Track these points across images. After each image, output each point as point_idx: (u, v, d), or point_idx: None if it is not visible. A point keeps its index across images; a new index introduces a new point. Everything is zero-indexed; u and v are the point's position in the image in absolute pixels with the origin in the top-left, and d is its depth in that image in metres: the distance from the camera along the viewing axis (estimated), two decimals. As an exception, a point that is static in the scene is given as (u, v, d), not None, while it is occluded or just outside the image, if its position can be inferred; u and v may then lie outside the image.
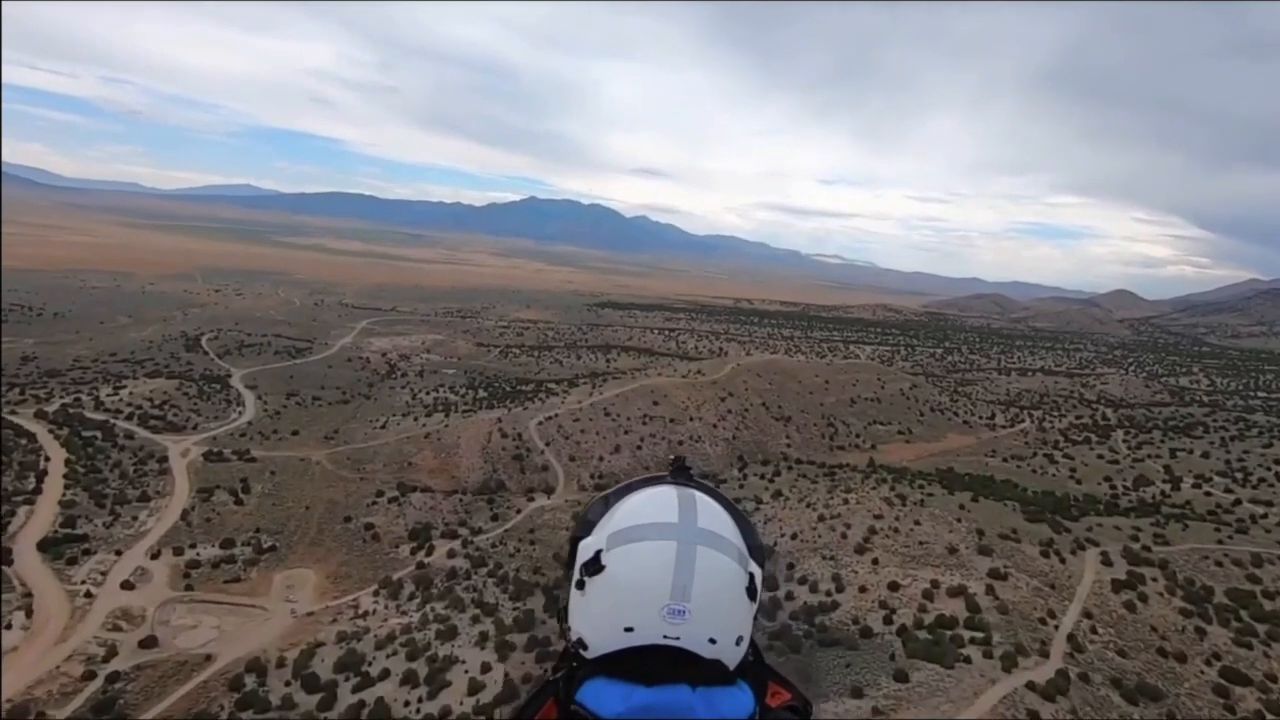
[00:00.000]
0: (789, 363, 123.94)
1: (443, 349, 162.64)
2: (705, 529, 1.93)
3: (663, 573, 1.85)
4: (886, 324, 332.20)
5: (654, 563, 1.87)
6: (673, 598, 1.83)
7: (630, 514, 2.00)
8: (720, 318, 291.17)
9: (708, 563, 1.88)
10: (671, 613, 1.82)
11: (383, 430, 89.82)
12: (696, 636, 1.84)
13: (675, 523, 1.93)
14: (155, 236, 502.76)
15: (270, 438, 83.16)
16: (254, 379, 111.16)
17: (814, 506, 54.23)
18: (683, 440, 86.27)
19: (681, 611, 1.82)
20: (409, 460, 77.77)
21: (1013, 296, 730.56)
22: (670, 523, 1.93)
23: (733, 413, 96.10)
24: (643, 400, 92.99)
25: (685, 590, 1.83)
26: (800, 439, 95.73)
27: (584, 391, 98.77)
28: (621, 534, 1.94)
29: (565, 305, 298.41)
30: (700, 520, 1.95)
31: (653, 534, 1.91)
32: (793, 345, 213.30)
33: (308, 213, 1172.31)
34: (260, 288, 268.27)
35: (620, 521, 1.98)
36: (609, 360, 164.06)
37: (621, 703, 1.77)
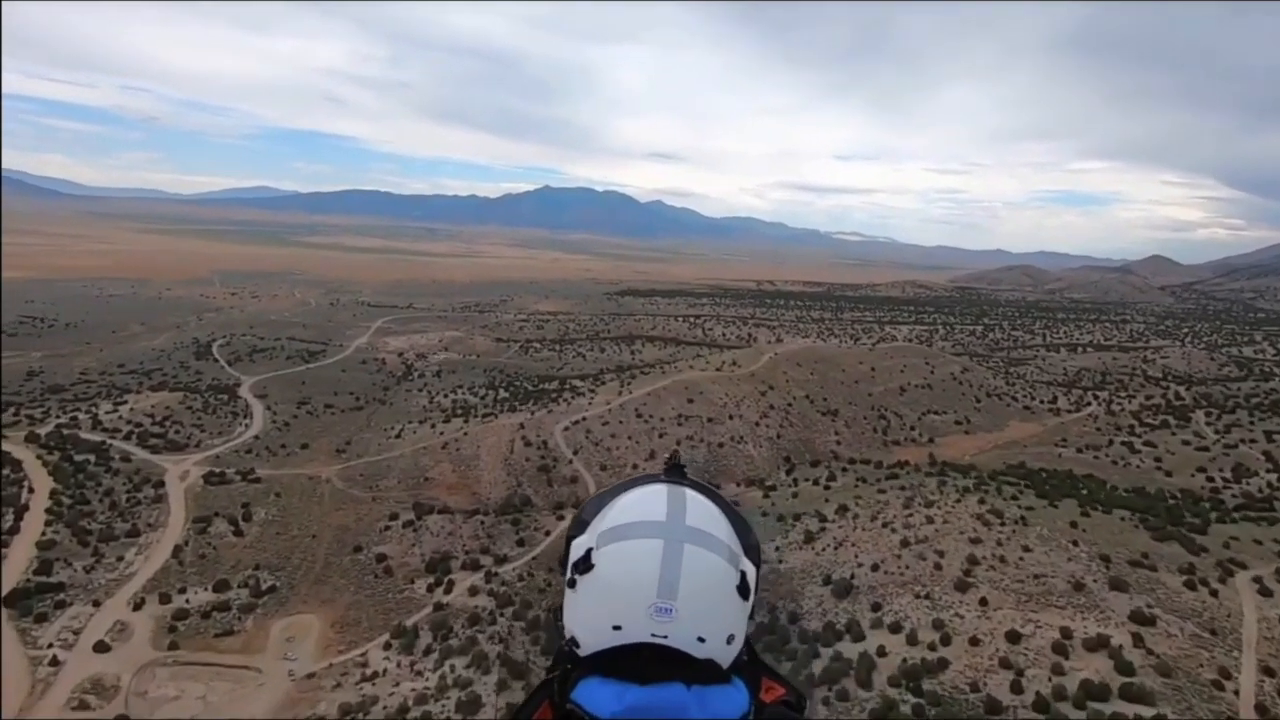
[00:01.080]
0: (830, 349, 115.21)
1: (460, 346, 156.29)
2: (693, 527, 1.94)
3: (649, 571, 1.85)
4: (918, 302, 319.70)
5: (641, 560, 1.88)
6: (659, 596, 1.83)
7: (621, 512, 2.01)
8: (745, 302, 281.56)
9: (695, 561, 1.88)
10: (658, 611, 1.83)
11: (398, 440, 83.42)
12: (685, 635, 1.85)
13: (663, 521, 1.94)
14: (174, 242, 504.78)
15: (278, 453, 77.15)
16: (264, 387, 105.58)
17: (892, 526, 46.28)
18: (723, 442, 78.55)
19: (668, 610, 1.83)
20: (425, 475, 71.16)
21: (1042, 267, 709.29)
22: (658, 521, 1.94)
23: (775, 408, 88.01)
24: (676, 398, 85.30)
25: (672, 588, 1.84)
26: (850, 434, 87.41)
27: (612, 390, 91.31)
28: (611, 532, 1.96)
29: (585, 295, 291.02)
30: (689, 518, 1.96)
31: (640, 532, 1.93)
32: (825, 328, 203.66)
33: (325, 212, 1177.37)
34: (276, 289, 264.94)
35: (611, 520, 2.00)
36: (634, 352, 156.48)
37: (616, 702, 1.78)
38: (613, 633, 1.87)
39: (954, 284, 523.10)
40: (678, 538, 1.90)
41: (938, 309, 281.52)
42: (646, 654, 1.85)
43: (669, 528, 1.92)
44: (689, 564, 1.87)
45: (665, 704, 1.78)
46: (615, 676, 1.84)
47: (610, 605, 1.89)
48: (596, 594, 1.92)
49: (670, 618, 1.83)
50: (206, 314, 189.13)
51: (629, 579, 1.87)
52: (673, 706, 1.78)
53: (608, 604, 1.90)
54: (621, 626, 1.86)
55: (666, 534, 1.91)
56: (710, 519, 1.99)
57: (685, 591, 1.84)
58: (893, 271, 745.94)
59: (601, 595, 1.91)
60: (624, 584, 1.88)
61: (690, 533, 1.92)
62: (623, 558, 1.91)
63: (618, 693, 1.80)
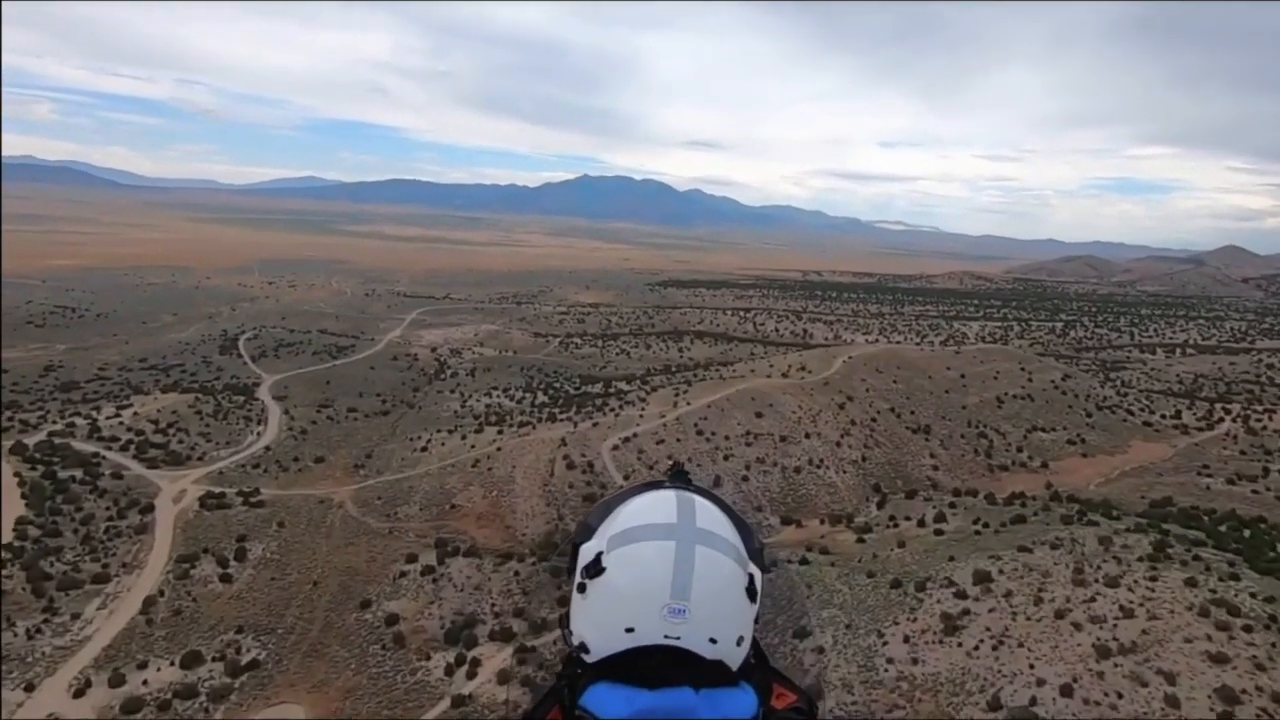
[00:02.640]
0: (912, 353, 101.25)
1: (497, 341, 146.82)
2: (704, 529, 1.97)
3: (662, 572, 1.87)
4: (980, 295, 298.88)
5: (653, 563, 1.89)
6: (673, 597, 1.84)
7: (630, 517, 2.03)
8: (795, 294, 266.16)
9: (707, 562, 1.90)
10: (671, 612, 1.84)
11: (423, 453, 73.59)
12: (697, 636, 1.86)
13: (674, 523, 1.97)
14: (221, 231, 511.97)
15: (289, 468, 68.05)
16: (285, 387, 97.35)
17: (1072, 617, 33.67)
18: (799, 466, 66.24)
19: (681, 611, 1.84)
20: (451, 500, 60.89)
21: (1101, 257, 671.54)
22: (669, 523, 1.97)
23: (857, 424, 75.18)
24: (742, 412, 73.23)
25: (685, 589, 1.85)
26: (947, 457, 74.05)
27: (666, 399, 79.68)
28: (621, 536, 1.97)
29: (625, 285, 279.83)
30: (699, 521, 1.99)
31: (652, 534, 1.95)
32: (886, 324, 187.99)
33: (368, 201, 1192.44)
34: (314, 278, 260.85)
35: (620, 524, 2.02)
36: (682, 350, 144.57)
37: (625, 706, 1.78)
38: (625, 635, 1.87)
39: (1010, 275, 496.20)
40: (689, 540, 1.92)
41: (1004, 302, 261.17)
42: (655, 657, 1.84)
43: (680, 530, 1.94)
44: (701, 566, 1.88)
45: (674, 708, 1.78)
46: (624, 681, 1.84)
47: (623, 608, 1.89)
48: (608, 597, 1.92)
49: (683, 619, 1.83)
50: (241, 304, 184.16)
51: (642, 581, 1.87)
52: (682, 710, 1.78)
53: (620, 606, 1.89)
54: (635, 629, 1.86)
55: (678, 536, 1.93)
56: (718, 523, 2.03)
57: (698, 593, 1.85)
58: (940, 262, 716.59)
59: (614, 598, 1.91)
60: (637, 586, 1.88)
61: (701, 535, 1.95)
62: (635, 560, 1.91)
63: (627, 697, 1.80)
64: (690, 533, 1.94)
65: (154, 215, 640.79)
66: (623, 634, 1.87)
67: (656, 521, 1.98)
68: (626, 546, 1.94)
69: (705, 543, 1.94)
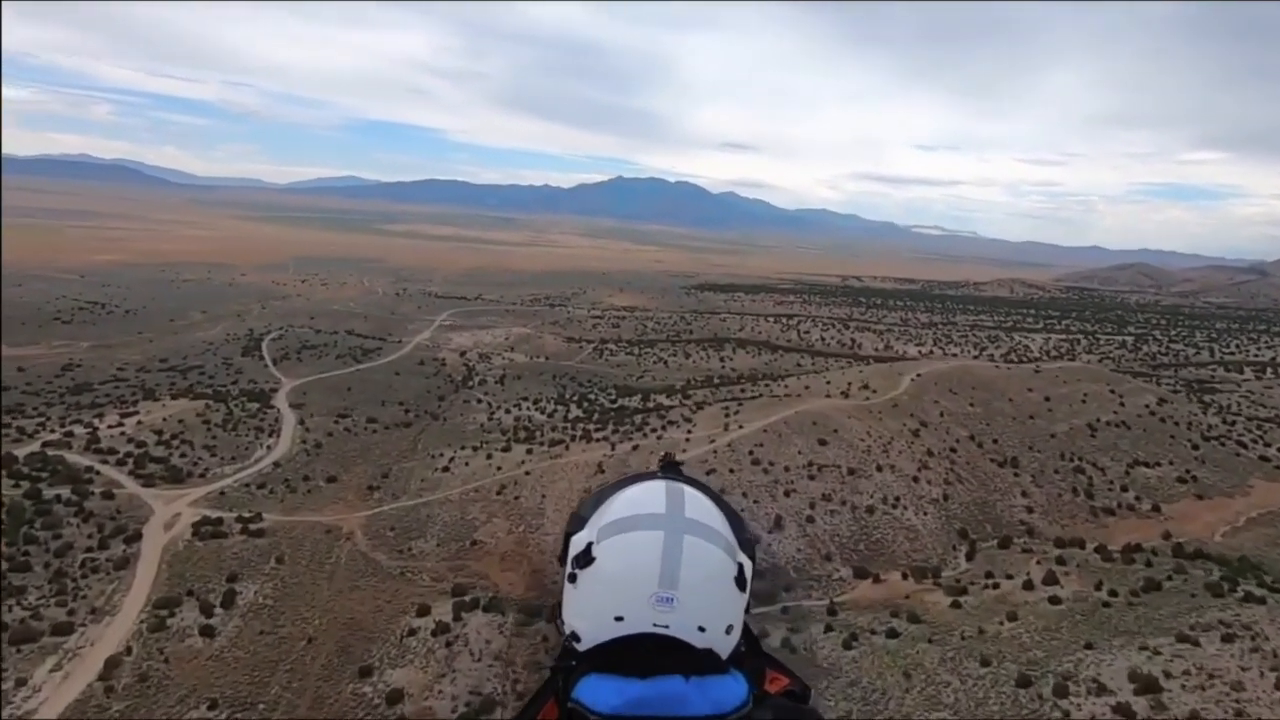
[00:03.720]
0: (986, 371, 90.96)
1: (528, 346, 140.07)
2: (692, 519, 1.98)
3: (650, 561, 1.89)
4: (1035, 304, 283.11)
5: (642, 551, 1.91)
6: (661, 585, 1.86)
7: (620, 507, 2.05)
8: (837, 299, 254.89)
9: (695, 551, 1.92)
10: (660, 600, 1.86)
11: (445, 474, 66.55)
12: (686, 624, 1.88)
13: (663, 513, 1.98)
14: (261, 228, 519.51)
15: (297, 489, 61.57)
16: (303, 393, 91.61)
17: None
18: (873, 505, 57.19)
19: (669, 599, 1.86)
20: (473, 535, 53.48)
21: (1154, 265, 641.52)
22: (658, 513, 1.98)
23: (935, 455, 65.76)
24: (803, 437, 64.41)
25: (673, 578, 1.87)
26: (1042, 496, 64.11)
27: (715, 419, 71.30)
28: (611, 526, 1.99)
29: (660, 288, 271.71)
30: (688, 511, 2.00)
31: (640, 524, 1.96)
32: (941, 335, 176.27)
33: (405, 201, 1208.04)
34: (347, 276, 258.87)
35: (610, 515, 2.03)
36: (723, 359, 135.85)
37: (616, 697, 1.81)
38: (614, 624, 1.89)
39: (1059, 283, 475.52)
40: (678, 529, 1.94)
41: (1062, 313, 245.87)
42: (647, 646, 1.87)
43: (669, 520, 1.96)
44: (689, 554, 1.90)
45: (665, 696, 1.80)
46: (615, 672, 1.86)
47: (612, 596, 1.91)
48: (598, 586, 1.94)
49: (671, 607, 1.85)
50: (271, 302, 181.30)
51: (630, 570, 1.90)
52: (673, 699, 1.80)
53: (609, 595, 1.92)
54: (624, 617, 1.88)
55: (666, 526, 1.94)
56: (707, 513, 2.03)
57: (686, 581, 1.87)
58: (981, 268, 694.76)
59: (603, 587, 1.93)
60: (625, 575, 1.90)
61: (690, 524, 1.96)
62: (624, 549, 1.93)
63: (618, 688, 1.82)
64: (679, 522, 1.95)
65: (199, 213, 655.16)
66: (612, 622, 1.89)
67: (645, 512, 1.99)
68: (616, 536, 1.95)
69: (694, 532, 1.94)
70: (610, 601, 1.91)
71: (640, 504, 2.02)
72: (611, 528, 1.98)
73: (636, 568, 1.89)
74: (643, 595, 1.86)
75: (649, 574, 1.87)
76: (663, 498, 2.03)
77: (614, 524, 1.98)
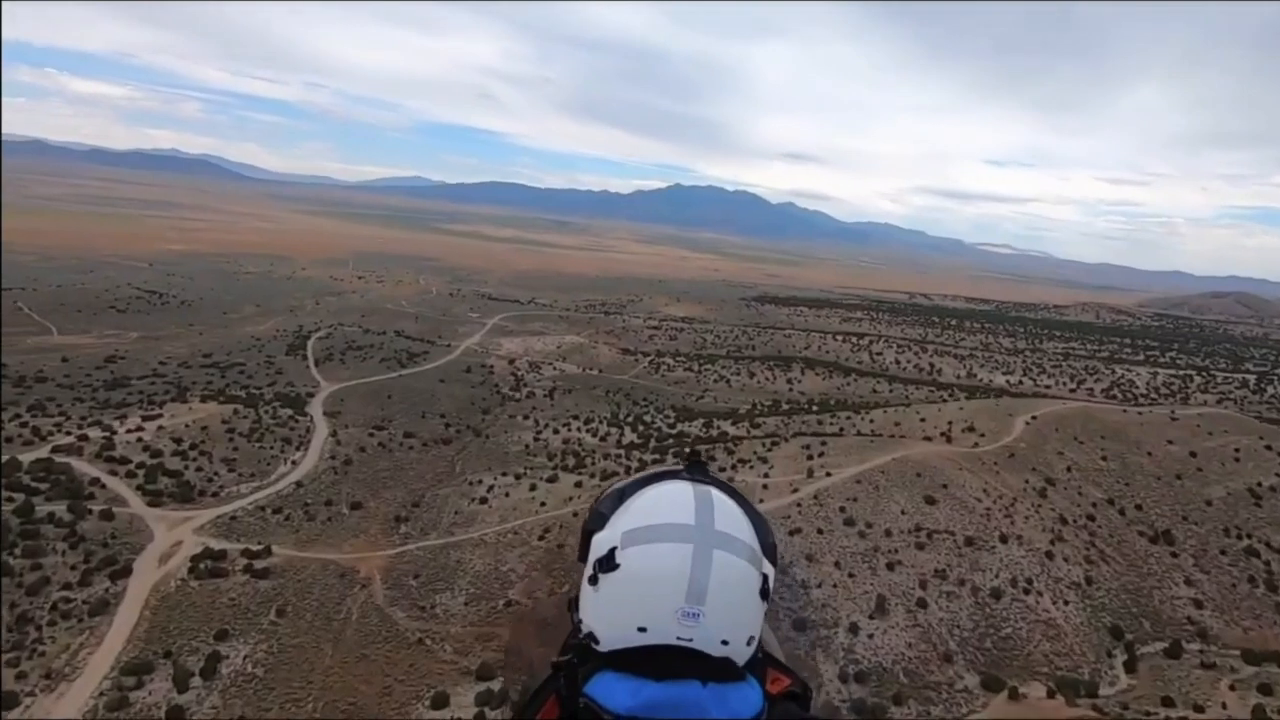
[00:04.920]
0: (1110, 415, 77.28)
1: (580, 357, 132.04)
2: (722, 531, 1.93)
3: (679, 575, 1.84)
4: (1128, 332, 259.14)
5: (670, 565, 1.86)
6: (688, 601, 1.82)
7: (646, 512, 1.98)
8: (909, 318, 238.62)
9: (724, 566, 1.87)
10: (686, 615, 1.82)
11: (482, 506, 58.43)
12: (709, 638, 1.85)
13: (692, 525, 1.92)
14: (327, 223, 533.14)
15: (316, 516, 54.33)
16: (341, 400, 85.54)
17: None
18: (999, 588, 45.76)
19: (696, 615, 1.82)
20: (507, 594, 44.75)
21: (1251, 294, 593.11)
22: (687, 524, 1.92)
23: (1069, 523, 53.58)
24: (905, 491, 53.36)
25: (701, 594, 1.83)
26: (1211, 586, 51.07)
27: (795, 460, 60.85)
28: (637, 533, 1.93)
29: (719, 299, 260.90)
30: (717, 522, 1.95)
31: (669, 535, 1.90)
32: (1031, 364, 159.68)
33: (468, 201, 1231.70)
34: (404, 274, 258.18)
35: (636, 519, 1.97)
36: (790, 381, 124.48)
37: (631, 697, 1.77)
38: (637, 634, 1.85)
39: (1143, 308, 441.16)
40: (707, 543, 1.88)
41: (1162, 343, 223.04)
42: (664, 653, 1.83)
43: (698, 532, 1.90)
44: (718, 570, 1.86)
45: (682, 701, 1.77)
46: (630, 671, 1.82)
47: (636, 607, 1.86)
48: (621, 594, 1.89)
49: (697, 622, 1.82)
50: (326, 298, 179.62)
51: (657, 583, 1.85)
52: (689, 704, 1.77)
53: (633, 605, 1.87)
54: (647, 629, 1.84)
55: (696, 539, 1.89)
56: (736, 522, 1.98)
57: (713, 597, 1.83)
58: (1056, 290, 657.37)
59: (627, 596, 1.88)
60: (652, 587, 1.85)
61: (719, 538, 1.90)
62: (651, 560, 1.88)
63: (634, 688, 1.78)
64: (709, 536, 1.90)
65: (271, 207, 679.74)
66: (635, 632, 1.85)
67: (674, 521, 1.92)
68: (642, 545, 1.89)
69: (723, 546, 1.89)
70: (634, 611, 1.86)
71: (667, 511, 1.95)
72: (637, 535, 1.92)
73: (664, 582, 1.84)
74: (668, 609, 1.82)
75: (677, 589, 1.82)
76: (691, 505, 1.96)
77: (640, 531, 1.92)
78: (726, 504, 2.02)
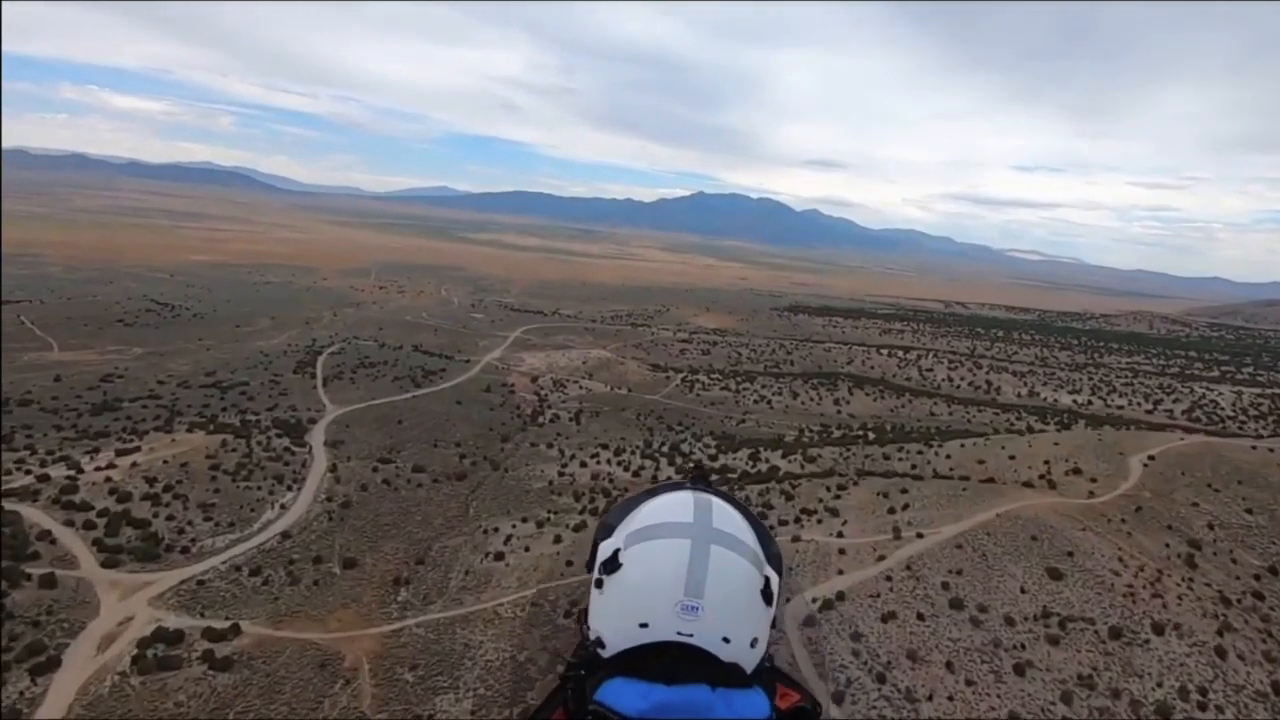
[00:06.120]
0: (1241, 454, 65.28)
1: (607, 374, 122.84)
2: (719, 529, 2.01)
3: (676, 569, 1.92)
4: (1191, 344, 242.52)
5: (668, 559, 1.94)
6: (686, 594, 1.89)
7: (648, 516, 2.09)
8: (954, 329, 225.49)
9: (721, 561, 1.94)
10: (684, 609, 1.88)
11: (497, 564, 49.23)
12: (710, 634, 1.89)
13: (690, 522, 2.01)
14: (352, 233, 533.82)
15: (302, 578, 45.56)
16: (346, 426, 77.32)
17: None
18: (1168, 702, 34.97)
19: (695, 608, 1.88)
20: (526, 698, 34.86)
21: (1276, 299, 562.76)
22: (685, 522, 2.02)
23: (1235, 604, 42.50)
24: (1021, 561, 42.81)
25: (699, 587, 1.89)
26: None
27: (873, 514, 50.54)
28: (638, 533, 2.03)
29: (750, 309, 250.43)
30: (715, 522, 2.03)
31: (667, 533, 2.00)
32: (1099, 381, 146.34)
33: (492, 210, 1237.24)
34: (425, 284, 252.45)
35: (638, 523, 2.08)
36: (839, 402, 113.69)
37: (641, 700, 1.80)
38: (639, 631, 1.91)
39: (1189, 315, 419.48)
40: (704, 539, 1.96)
41: (1233, 357, 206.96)
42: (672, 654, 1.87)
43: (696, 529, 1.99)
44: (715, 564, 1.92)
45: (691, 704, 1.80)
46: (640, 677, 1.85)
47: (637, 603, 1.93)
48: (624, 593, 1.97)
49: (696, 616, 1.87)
50: (344, 309, 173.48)
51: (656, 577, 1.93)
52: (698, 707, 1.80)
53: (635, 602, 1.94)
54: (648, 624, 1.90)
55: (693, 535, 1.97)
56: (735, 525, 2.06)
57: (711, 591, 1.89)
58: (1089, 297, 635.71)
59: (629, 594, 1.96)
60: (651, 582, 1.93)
61: (717, 535, 1.98)
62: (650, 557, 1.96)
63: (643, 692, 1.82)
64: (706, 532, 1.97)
65: (299, 217, 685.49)
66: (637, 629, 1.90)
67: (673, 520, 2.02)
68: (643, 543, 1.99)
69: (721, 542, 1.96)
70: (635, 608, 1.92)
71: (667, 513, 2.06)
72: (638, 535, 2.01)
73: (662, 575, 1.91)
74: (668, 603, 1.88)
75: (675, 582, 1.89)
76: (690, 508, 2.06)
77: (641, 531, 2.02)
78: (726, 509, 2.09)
